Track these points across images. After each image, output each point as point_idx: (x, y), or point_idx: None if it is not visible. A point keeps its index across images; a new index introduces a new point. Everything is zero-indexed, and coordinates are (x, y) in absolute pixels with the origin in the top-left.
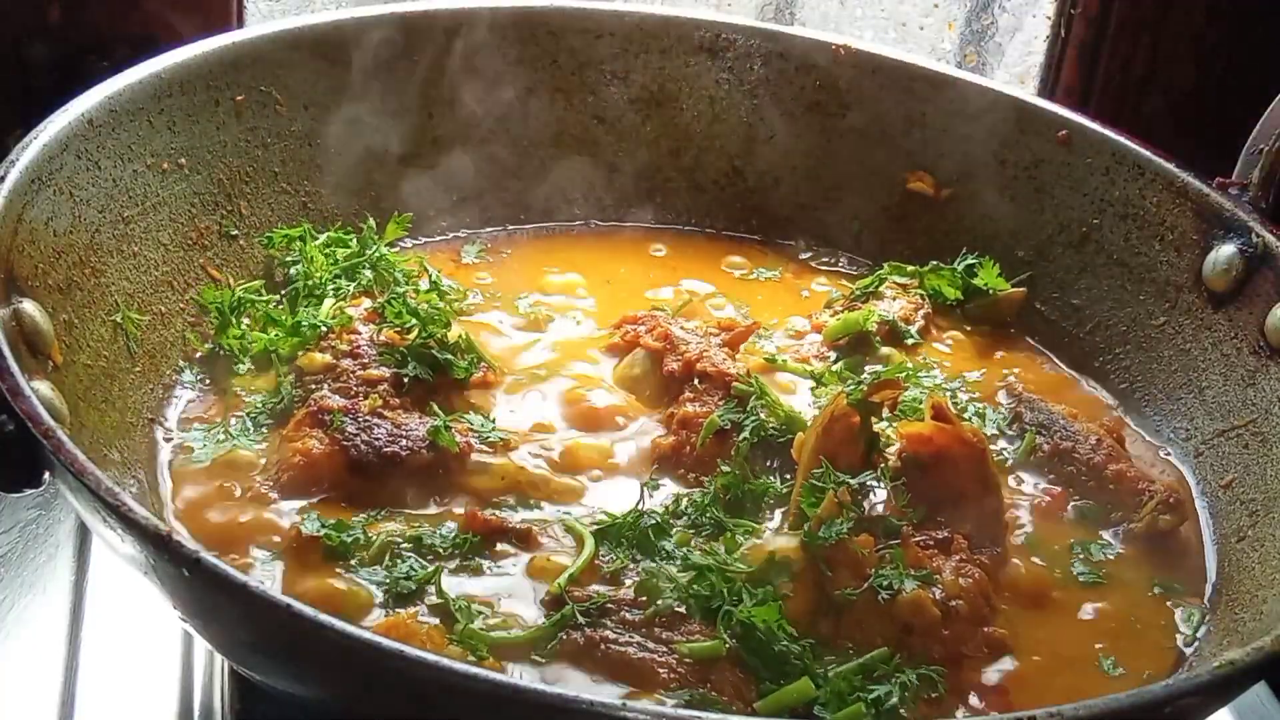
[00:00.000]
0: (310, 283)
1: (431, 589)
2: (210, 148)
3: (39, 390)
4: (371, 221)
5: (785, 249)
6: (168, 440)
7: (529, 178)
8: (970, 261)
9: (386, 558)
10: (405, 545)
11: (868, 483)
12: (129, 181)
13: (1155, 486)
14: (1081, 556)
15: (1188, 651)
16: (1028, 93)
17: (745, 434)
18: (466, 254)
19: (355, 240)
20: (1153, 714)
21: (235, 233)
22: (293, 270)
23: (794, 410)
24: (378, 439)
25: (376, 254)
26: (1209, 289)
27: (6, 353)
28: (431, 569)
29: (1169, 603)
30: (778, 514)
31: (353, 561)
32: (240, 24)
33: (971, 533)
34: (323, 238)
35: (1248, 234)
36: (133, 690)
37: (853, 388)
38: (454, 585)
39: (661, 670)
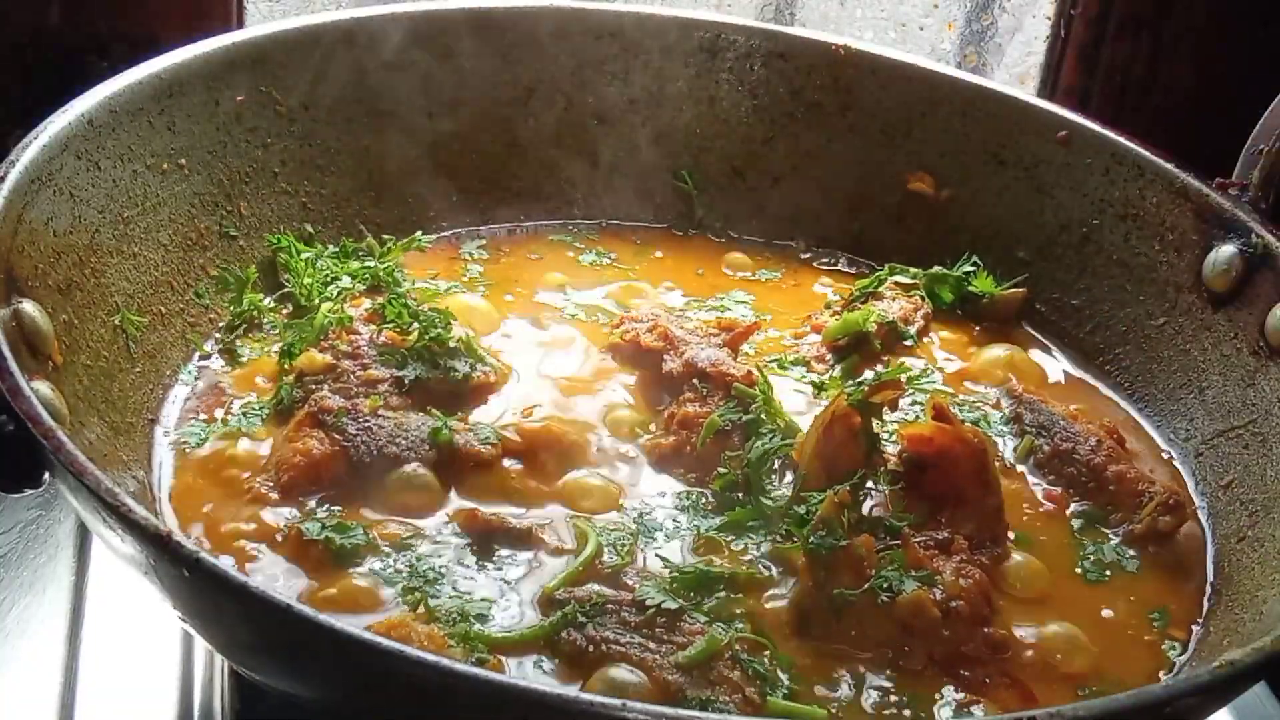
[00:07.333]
0: (298, 293)
1: (432, 589)
2: (210, 148)
3: (39, 390)
4: (390, 240)
5: (785, 249)
6: (167, 440)
7: (529, 178)
8: (968, 268)
9: (387, 558)
10: (406, 545)
11: (866, 486)
12: (129, 181)
13: (1155, 487)
14: (1083, 556)
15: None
16: (1028, 93)
17: (758, 445)
18: (466, 253)
19: (363, 252)
20: (1153, 714)
21: (235, 233)
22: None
23: (793, 421)
24: (378, 439)
25: (381, 264)
26: (1209, 289)
27: (6, 353)
28: (432, 569)
29: (1156, 625)
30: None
31: (353, 562)
32: (240, 24)
33: (972, 533)
34: (331, 249)
35: (1248, 234)
36: (133, 690)
37: (853, 388)
38: (454, 585)
39: (662, 671)
